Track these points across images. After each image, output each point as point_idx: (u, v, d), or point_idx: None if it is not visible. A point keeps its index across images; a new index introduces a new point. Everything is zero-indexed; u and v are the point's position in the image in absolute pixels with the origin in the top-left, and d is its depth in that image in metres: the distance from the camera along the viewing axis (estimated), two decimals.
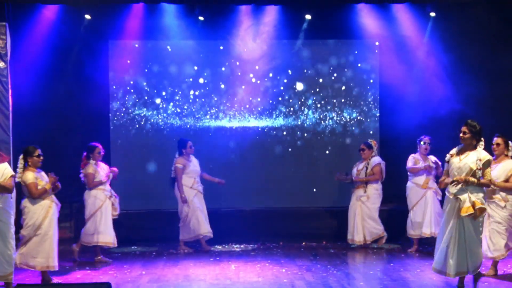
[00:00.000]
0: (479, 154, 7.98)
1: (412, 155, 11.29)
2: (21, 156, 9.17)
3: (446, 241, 7.96)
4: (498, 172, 8.95)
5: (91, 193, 10.81)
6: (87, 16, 12.55)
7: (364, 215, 11.55)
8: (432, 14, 12.68)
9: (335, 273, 9.65)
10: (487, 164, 7.94)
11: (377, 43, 13.21)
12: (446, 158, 8.15)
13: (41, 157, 9.17)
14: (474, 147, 8.05)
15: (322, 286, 8.77)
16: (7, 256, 8.18)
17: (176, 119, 13.16)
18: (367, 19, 12.84)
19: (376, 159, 11.65)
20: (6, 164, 8.37)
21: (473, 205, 7.83)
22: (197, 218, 11.44)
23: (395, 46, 13.16)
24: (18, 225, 9.04)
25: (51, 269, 9.09)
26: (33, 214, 9.01)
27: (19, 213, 9.09)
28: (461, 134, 8.07)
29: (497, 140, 9.14)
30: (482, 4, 11.96)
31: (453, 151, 8.16)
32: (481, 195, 7.94)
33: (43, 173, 9.23)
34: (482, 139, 8.10)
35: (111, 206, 10.84)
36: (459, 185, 7.84)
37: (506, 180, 8.92)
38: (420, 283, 8.89)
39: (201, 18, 12.73)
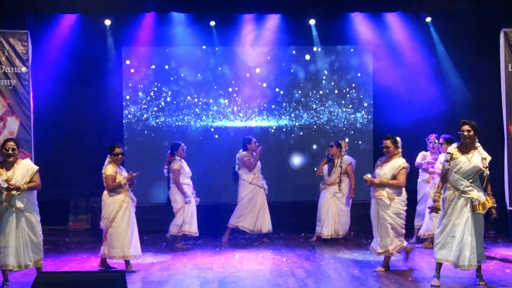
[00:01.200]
0: (482, 153, 7.88)
1: (423, 152, 11.13)
2: None
3: (461, 234, 7.82)
4: (386, 170, 8.81)
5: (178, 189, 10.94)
6: (107, 22, 12.53)
7: (339, 211, 11.40)
8: (428, 19, 12.64)
9: (332, 261, 9.70)
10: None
11: (371, 48, 13.22)
12: (447, 157, 7.94)
13: (120, 156, 9.16)
14: (475, 146, 7.92)
15: (320, 274, 8.82)
16: (37, 243, 8.27)
17: (184, 120, 13.18)
18: (362, 27, 12.88)
19: (349, 158, 11.48)
20: (28, 160, 8.41)
21: (486, 201, 7.83)
22: (237, 209, 11.51)
23: (387, 51, 13.19)
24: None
25: (128, 258, 9.10)
26: (108, 207, 9.10)
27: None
28: (465, 133, 7.86)
29: (385, 143, 8.89)
30: (469, 13, 11.98)
31: (454, 150, 7.96)
32: (482, 193, 7.90)
33: (124, 171, 9.27)
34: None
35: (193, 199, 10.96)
36: (468, 183, 7.83)
37: (393, 178, 8.77)
38: (409, 270, 8.95)
39: (212, 23, 12.73)
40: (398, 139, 8.97)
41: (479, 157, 7.83)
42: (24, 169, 8.19)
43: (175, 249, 10.77)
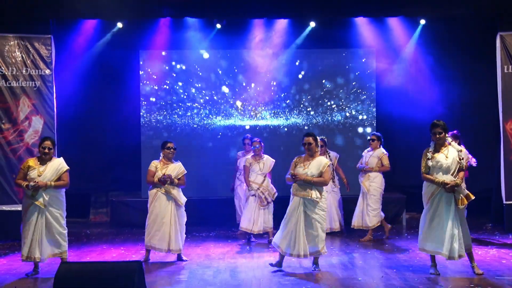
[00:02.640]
0: (456, 146, 8.08)
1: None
2: None
3: (451, 228, 7.90)
4: (313, 169, 8.31)
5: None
6: (125, 27, 12.55)
7: (338, 205, 11.38)
8: (422, 21, 12.63)
9: (337, 253, 9.71)
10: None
11: (374, 51, 13.20)
12: (429, 155, 8.01)
13: (171, 150, 9.20)
14: (446, 143, 8.06)
15: (325, 264, 8.82)
16: (63, 235, 8.39)
17: (198, 119, 13.20)
18: (365, 30, 12.86)
19: (335, 153, 11.35)
20: (61, 159, 8.51)
21: (466, 197, 7.91)
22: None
23: (390, 53, 13.22)
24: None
25: (150, 248, 9.13)
26: (149, 200, 9.21)
27: None
28: (437, 135, 8.01)
29: (307, 139, 8.47)
30: (467, 19, 11.95)
31: (430, 152, 8.04)
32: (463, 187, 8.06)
33: (171, 166, 9.19)
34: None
35: (257, 198, 10.54)
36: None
37: (319, 176, 8.33)
38: (410, 260, 8.99)
39: (218, 25, 12.71)
40: (318, 138, 8.70)
41: (454, 151, 8.00)
42: (55, 168, 8.37)
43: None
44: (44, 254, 8.25)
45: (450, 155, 7.97)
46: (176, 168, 9.22)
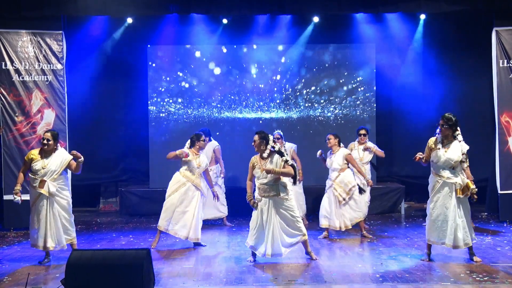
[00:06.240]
0: (462, 147, 7.84)
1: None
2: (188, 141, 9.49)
3: (453, 218, 7.84)
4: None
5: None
6: (133, 23, 12.58)
7: (299, 195, 10.92)
8: (422, 16, 12.60)
9: (339, 241, 9.69)
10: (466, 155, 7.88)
11: (374, 46, 13.13)
12: (430, 145, 7.94)
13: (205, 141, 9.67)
14: (454, 137, 7.89)
15: (328, 252, 8.84)
16: (70, 222, 8.42)
17: (204, 112, 13.16)
18: (365, 26, 12.81)
19: (292, 144, 11.10)
20: (62, 150, 8.49)
21: (467, 185, 7.82)
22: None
23: (389, 48, 13.18)
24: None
25: (170, 232, 9.16)
26: (172, 182, 9.24)
27: None
28: (439, 127, 7.92)
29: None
30: (463, 14, 11.91)
31: (433, 140, 7.95)
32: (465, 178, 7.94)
33: (202, 156, 9.43)
34: (458, 129, 7.94)
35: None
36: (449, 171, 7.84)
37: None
38: (408, 248, 8.98)
39: (224, 21, 12.68)
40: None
41: (457, 150, 7.79)
42: (59, 160, 8.32)
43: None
44: (57, 242, 8.28)
45: (450, 152, 7.80)
46: (205, 159, 9.47)
